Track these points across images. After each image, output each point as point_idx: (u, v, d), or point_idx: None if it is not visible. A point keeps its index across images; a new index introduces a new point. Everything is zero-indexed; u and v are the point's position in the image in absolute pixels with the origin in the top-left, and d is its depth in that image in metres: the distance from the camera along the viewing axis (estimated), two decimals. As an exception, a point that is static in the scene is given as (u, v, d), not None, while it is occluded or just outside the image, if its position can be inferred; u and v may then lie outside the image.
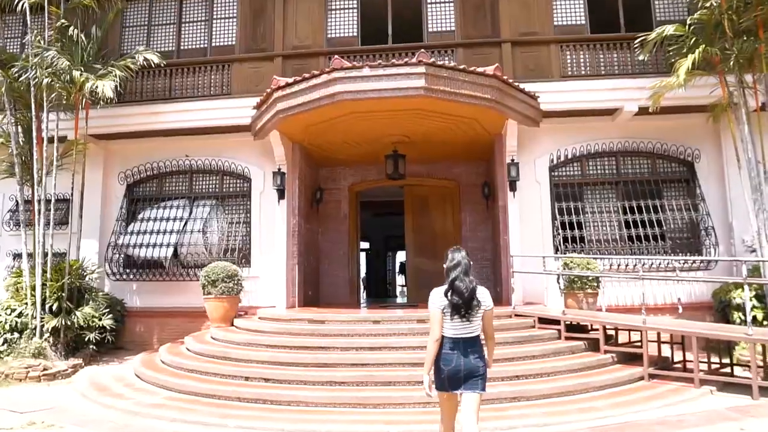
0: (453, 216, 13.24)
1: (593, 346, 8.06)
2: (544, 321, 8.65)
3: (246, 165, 11.79)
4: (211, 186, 12.10)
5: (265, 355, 7.81)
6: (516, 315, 8.98)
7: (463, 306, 4.10)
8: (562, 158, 11.23)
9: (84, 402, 7.37)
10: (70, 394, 7.87)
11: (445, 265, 4.38)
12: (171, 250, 11.19)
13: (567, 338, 8.23)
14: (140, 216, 11.77)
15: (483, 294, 4.25)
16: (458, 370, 4.02)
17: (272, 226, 11.25)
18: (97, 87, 9.34)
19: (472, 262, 4.37)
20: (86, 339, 9.58)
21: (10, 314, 9.49)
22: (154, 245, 11.27)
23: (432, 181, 13.34)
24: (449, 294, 4.16)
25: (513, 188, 10.62)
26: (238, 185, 12.04)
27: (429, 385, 4.15)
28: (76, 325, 9.51)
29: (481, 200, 12.71)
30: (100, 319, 9.69)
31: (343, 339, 8.03)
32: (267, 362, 7.67)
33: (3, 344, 9.40)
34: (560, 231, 10.79)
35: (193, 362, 8.14)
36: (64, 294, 9.55)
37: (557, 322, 8.44)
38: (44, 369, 8.83)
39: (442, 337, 4.12)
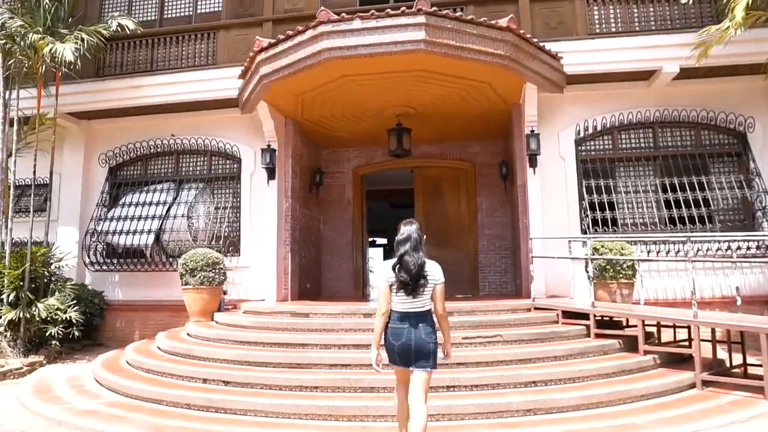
0: (468, 200, 11.68)
1: (630, 345, 6.43)
2: (569, 315, 7.05)
3: (235, 143, 10.43)
4: (198, 168, 10.78)
5: (231, 353, 6.39)
6: (536, 308, 7.39)
7: (410, 282, 3.81)
8: (590, 130, 9.55)
9: (14, 407, 6.06)
10: (8, 397, 6.58)
11: (396, 238, 4.03)
12: (152, 237, 9.90)
13: (597, 336, 6.61)
14: (122, 201, 10.53)
15: (433, 269, 3.93)
16: (408, 345, 3.79)
17: (264, 211, 9.85)
18: (56, 51, 8.08)
19: (425, 236, 4.06)
20: (47, 334, 8.32)
21: (-35, 306, 8.31)
22: (134, 232, 9.99)
23: (445, 162, 11.81)
24: (397, 269, 3.86)
25: (533, 164, 9.02)
26: (227, 166, 10.68)
27: (376, 359, 3.93)
28: (37, 318, 8.27)
29: (498, 183, 11.13)
30: (65, 312, 8.42)
31: (325, 335, 6.58)
32: (232, 361, 6.27)
33: (-46, 338, 8.24)
34: (588, 212, 9.12)
35: (156, 362, 6.76)
36: (23, 283, 8.31)
37: (585, 316, 6.83)
38: (-8, 367, 7.62)
39: (392, 311, 3.89)
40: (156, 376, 6.39)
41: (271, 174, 9.66)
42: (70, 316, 8.44)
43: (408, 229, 3.97)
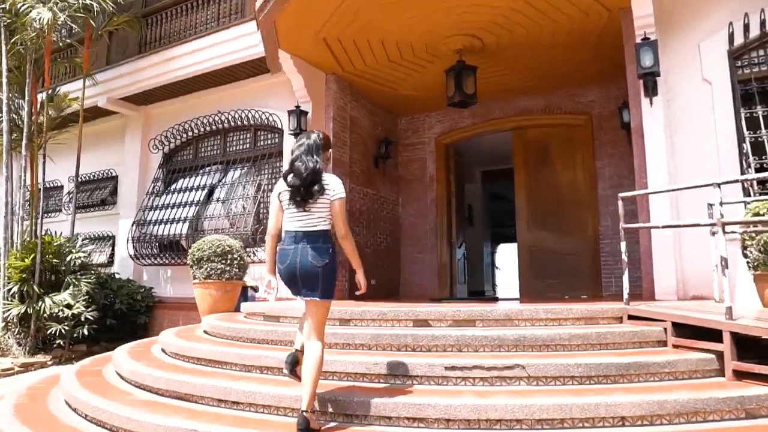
0: (585, 166, 8.28)
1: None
2: (688, 333, 3.69)
3: (274, 112, 8.45)
4: (244, 145, 9.02)
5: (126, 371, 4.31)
6: (630, 317, 4.11)
7: (301, 190, 3.04)
8: (756, 31, 5.62)
9: None
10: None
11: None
12: (186, 226, 8.40)
13: (738, 375, 3.22)
14: (171, 188, 9.24)
15: (332, 181, 3.12)
16: (293, 268, 3.04)
17: None
18: (39, 15, 6.88)
19: (326, 146, 3.24)
20: (48, 332, 7.15)
21: (-23, 300, 7.50)
22: (171, 221, 8.59)
23: (551, 118, 8.56)
24: (288, 176, 3.11)
25: (650, 91, 5.56)
26: (271, 141, 8.76)
27: (267, 285, 3.24)
28: (43, 314, 7.12)
29: (623, 138, 7.63)
30: (70, 308, 7.16)
31: (263, 351, 4.14)
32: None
33: (-36, 335, 7.45)
34: (752, 160, 5.34)
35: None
36: (28, 276, 7.22)
37: (718, 335, 3.44)
38: (-18, 366, 6.57)
39: (284, 231, 3.17)
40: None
41: (303, 143, 7.50)
42: (75, 313, 7.15)
43: (305, 137, 3.23)
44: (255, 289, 7.66)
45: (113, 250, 9.70)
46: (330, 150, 3.34)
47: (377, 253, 8.63)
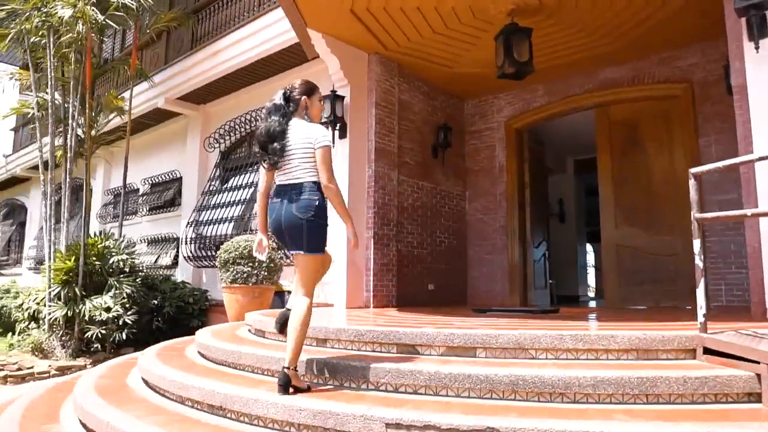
0: (684, 146, 6.63)
1: None
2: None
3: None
4: (293, 139, 8.42)
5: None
6: (707, 352, 2.75)
7: (262, 150, 3.00)
8: None
9: None
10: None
11: None
12: (231, 226, 7.95)
13: None
14: (224, 187, 8.87)
15: (303, 132, 2.94)
16: (279, 221, 2.96)
17: (359, 183, 6.79)
18: (64, 12, 6.71)
19: (298, 96, 3.04)
20: (85, 336, 6.95)
21: (33, 301, 7.52)
22: (220, 221, 8.22)
23: (640, 90, 6.99)
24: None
25: (755, 30, 4.02)
26: (318, 133, 8.07)
27: (258, 245, 3.18)
28: (83, 317, 6.95)
29: (732, 109, 5.91)
30: (109, 311, 6.92)
31: (197, 379, 3.33)
32: None
33: (19, 334, 7.49)
34: None
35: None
36: (71, 278, 7.09)
37: None
38: (18, 368, 6.48)
39: (274, 186, 3.09)
40: None
41: (341, 131, 6.68)
42: (114, 316, 6.89)
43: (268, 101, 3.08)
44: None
45: (177, 251, 9.55)
46: (304, 98, 3.04)
47: (435, 254, 7.58)
